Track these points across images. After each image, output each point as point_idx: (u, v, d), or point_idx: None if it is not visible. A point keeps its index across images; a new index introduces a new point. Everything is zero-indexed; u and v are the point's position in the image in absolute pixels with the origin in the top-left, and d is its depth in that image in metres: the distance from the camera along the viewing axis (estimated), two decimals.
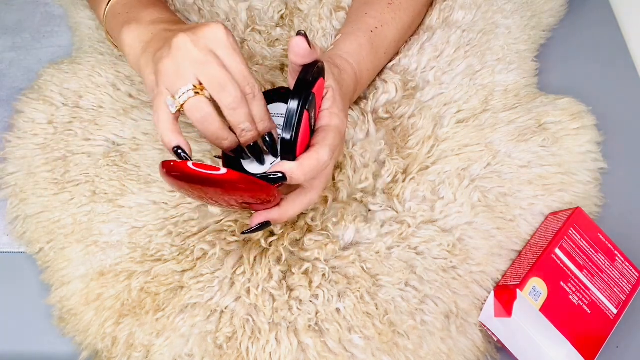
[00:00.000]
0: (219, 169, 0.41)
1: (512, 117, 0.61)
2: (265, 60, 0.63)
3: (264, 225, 0.47)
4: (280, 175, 0.43)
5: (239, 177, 0.41)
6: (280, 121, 0.50)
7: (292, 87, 0.47)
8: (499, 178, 0.58)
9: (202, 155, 0.57)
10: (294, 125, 0.43)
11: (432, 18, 0.65)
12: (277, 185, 0.44)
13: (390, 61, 0.63)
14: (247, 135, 0.46)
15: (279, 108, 0.50)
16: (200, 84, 0.45)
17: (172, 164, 0.41)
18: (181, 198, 0.55)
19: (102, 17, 0.58)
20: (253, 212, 0.47)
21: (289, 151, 0.44)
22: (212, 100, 0.45)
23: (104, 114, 0.60)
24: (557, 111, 0.61)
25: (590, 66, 0.69)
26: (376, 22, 0.58)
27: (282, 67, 0.63)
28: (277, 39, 0.65)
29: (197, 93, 0.45)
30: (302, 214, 0.54)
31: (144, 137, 0.59)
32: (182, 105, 0.45)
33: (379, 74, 0.62)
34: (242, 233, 0.51)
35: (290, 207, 0.46)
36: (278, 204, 0.46)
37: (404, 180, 0.57)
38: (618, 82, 0.69)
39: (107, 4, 0.57)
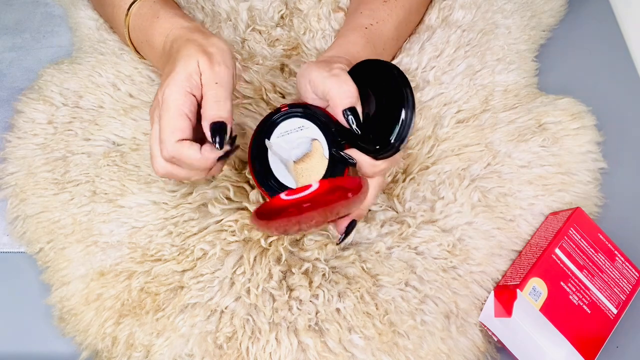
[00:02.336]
0: (310, 186, 0.40)
1: (512, 117, 0.61)
2: (265, 60, 0.63)
3: (352, 225, 0.49)
4: (353, 161, 0.46)
5: (339, 182, 0.42)
6: (297, 136, 0.49)
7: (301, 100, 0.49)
8: (499, 178, 0.58)
9: None
10: (407, 135, 0.45)
11: (431, 17, 0.65)
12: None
13: (393, 58, 0.63)
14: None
15: (297, 123, 0.50)
16: None
17: (264, 204, 0.41)
18: (181, 198, 0.55)
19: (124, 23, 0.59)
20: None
21: (390, 156, 0.46)
22: None
23: (104, 114, 0.60)
24: (557, 111, 0.61)
25: (590, 66, 0.69)
26: (370, 20, 0.58)
27: (282, 67, 0.63)
28: (277, 39, 0.65)
29: None
30: None
31: (144, 137, 0.59)
32: None
33: None
34: (338, 244, 0.51)
35: (368, 198, 0.48)
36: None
37: (404, 180, 0.57)
38: (618, 82, 0.69)
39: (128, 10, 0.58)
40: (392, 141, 0.45)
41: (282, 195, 0.40)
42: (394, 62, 0.63)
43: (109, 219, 0.55)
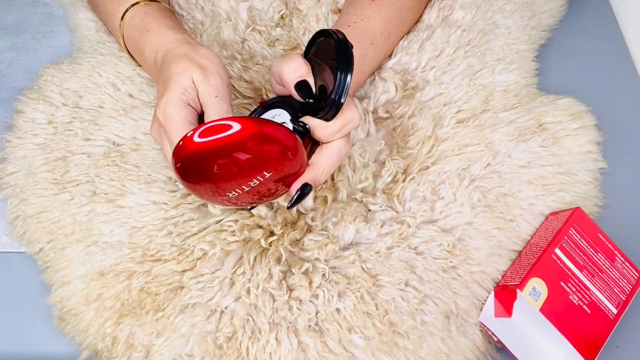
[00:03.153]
0: (230, 127, 0.37)
1: (512, 117, 0.61)
2: (265, 60, 0.63)
3: (305, 189, 0.45)
4: (306, 126, 0.45)
5: (262, 123, 0.39)
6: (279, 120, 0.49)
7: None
8: (499, 178, 0.58)
9: None
10: (346, 89, 0.43)
11: (430, 16, 0.65)
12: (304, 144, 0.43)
13: (390, 56, 0.63)
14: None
15: (270, 114, 0.50)
16: None
17: (178, 145, 0.38)
18: (181, 198, 0.55)
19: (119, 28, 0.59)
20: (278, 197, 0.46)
21: (335, 113, 0.44)
22: None
23: (104, 114, 0.60)
24: (557, 111, 0.61)
25: (590, 66, 0.69)
26: (355, 18, 0.59)
27: None
28: (277, 39, 0.65)
29: None
30: (302, 213, 0.54)
31: (144, 137, 0.59)
32: None
33: (379, 72, 0.62)
34: (288, 207, 0.48)
35: (323, 161, 0.46)
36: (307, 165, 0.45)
37: (404, 180, 0.57)
38: (618, 82, 0.69)
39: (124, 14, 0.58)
40: (333, 97, 0.44)
41: (195, 137, 0.37)
42: (392, 61, 0.63)
43: (109, 219, 0.55)
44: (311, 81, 0.47)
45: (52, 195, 0.57)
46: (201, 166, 0.40)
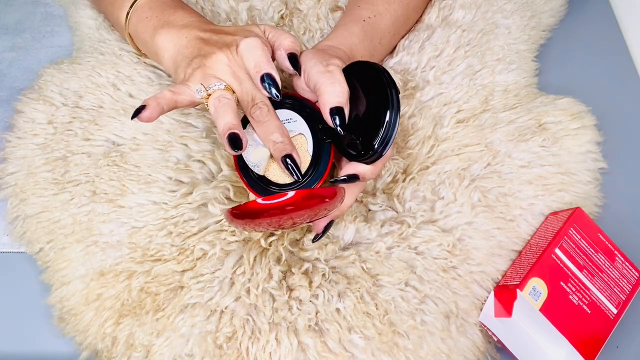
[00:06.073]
0: (285, 194, 0.42)
1: (512, 117, 0.61)
2: None
3: (330, 225, 0.50)
4: (354, 175, 0.47)
5: (315, 192, 0.43)
6: (287, 127, 0.49)
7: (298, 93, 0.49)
8: (499, 178, 0.58)
9: (202, 155, 0.57)
10: (391, 140, 0.45)
11: (431, 16, 0.65)
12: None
13: (390, 55, 0.63)
14: (279, 147, 0.47)
15: (285, 115, 0.50)
16: (233, 92, 0.48)
17: (240, 206, 0.43)
18: (181, 198, 0.55)
19: (125, 21, 0.58)
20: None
21: (374, 161, 0.46)
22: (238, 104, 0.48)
23: (104, 114, 0.60)
24: (557, 111, 0.61)
25: (590, 66, 0.69)
26: (368, 13, 0.58)
27: None
28: None
29: (227, 90, 0.47)
30: None
31: (144, 137, 0.59)
32: (209, 95, 0.47)
33: None
34: (313, 241, 0.52)
35: (348, 198, 0.48)
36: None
37: (404, 180, 0.57)
38: (618, 82, 0.69)
39: (131, 8, 0.57)
40: (376, 146, 0.45)
41: (259, 200, 0.43)
42: (394, 60, 0.63)
43: (109, 219, 0.55)
44: (347, 110, 0.46)
45: (52, 195, 0.57)
46: (254, 216, 0.43)
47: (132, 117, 0.45)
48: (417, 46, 0.63)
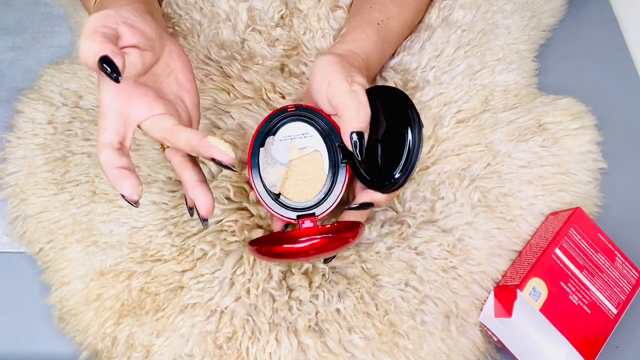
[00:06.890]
0: (309, 233, 0.43)
1: (512, 117, 0.61)
2: (265, 60, 0.63)
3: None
4: (369, 204, 0.46)
5: (340, 236, 0.44)
6: (303, 142, 0.48)
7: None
8: (499, 178, 0.58)
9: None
10: (413, 172, 0.44)
11: (431, 16, 0.65)
12: None
13: (392, 58, 0.63)
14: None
15: (301, 128, 0.48)
16: None
17: (266, 245, 0.44)
18: (181, 198, 0.55)
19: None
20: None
21: (392, 191, 0.45)
22: None
23: None
24: (557, 111, 0.61)
25: (590, 66, 0.69)
26: (382, 16, 0.58)
27: (282, 67, 0.63)
28: (277, 39, 0.65)
29: None
30: None
31: (144, 137, 0.59)
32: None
33: (380, 70, 0.62)
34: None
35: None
36: None
37: None
38: (618, 82, 0.69)
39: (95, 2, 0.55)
40: (397, 176, 0.44)
41: (285, 245, 0.43)
42: (394, 61, 0.63)
43: (109, 219, 0.55)
44: (367, 134, 0.45)
45: (52, 195, 0.57)
46: (277, 256, 0.44)
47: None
48: (418, 46, 0.63)
